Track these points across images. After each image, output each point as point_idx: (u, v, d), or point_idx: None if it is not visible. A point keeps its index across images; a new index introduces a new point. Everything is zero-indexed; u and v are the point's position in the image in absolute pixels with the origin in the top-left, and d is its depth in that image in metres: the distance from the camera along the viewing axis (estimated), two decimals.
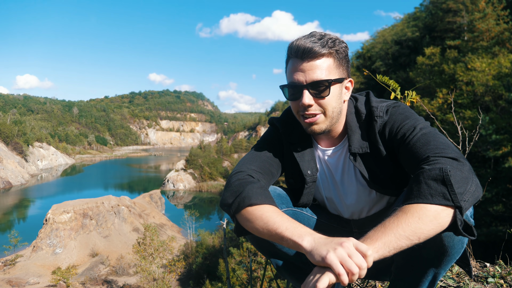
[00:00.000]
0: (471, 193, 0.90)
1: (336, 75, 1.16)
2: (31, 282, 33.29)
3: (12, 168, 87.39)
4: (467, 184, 0.90)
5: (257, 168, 1.25)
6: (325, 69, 1.13)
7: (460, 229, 0.89)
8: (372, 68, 32.96)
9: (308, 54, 1.12)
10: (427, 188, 0.89)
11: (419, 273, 1.16)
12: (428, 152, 1.00)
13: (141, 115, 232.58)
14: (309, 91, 1.14)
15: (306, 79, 1.13)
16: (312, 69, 1.12)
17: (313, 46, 1.11)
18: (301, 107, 1.17)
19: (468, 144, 2.29)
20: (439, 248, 1.06)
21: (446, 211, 0.87)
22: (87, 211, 44.36)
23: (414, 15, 36.66)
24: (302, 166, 1.32)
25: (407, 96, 2.12)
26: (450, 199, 0.87)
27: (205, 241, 39.23)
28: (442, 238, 1.03)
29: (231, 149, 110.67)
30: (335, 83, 1.15)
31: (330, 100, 1.16)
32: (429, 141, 1.04)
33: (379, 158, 1.21)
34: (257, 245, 1.33)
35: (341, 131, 1.29)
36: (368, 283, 2.10)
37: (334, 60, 1.15)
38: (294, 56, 1.15)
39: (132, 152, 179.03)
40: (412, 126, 1.12)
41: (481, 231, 15.37)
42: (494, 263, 2.20)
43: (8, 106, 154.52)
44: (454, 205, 0.87)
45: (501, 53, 21.71)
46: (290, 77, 1.17)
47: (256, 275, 17.33)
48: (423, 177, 0.92)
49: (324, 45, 1.12)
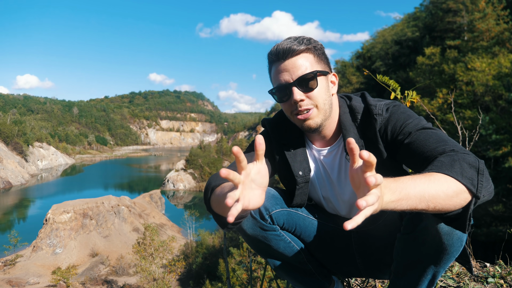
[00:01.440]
0: (489, 192, 0.92)
1: (319, 68, 1.19)
2: (31, 282, 33.28)
3: (12, 168, 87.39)
4: (489, 184, 0.92)
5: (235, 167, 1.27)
6: (308, 63, 1.17)
7: (468, 215, 0.90)
8: (372, 68, 32.97)
9: (288, 53, 1.15)
10: (459, 167, 0.90)
11: (418, 272, 1.16)
12: (451, 146, 0.99)
13: (141, 115, 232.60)
14: (297, 87, 1.16)
15: (292, 76, 1.16)
16: (296, 66, 1.16)
17: (291, 45, 1.15)
18: (294, 105, 1.18)
19: (468, 144, 2.29)
20: (438, 246, 1.07)
21: (466, 194, 0.88)
22: (87, 211, 44.35)
23: (414, 15, 36.69)
24: (293, 167, 1.32)
25: (407, 96, 2.12)
26: (475, 186, 0.88)
27: (205, 241, 39.22)
28: (441, 236, 1.04)
29: (231, 149, 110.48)
30: (320, 75, 1.18)
31: (319, 92, 1.18)
32: (445, 139, 1.04)
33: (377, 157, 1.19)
34: (253, 246, 1.34)
35: (335, 131, 1.28)
36: (368, 283, 2.10)
37: (314, 55, 1.19)
38: (275, 59, 1.19)
39: (132, 152, 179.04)
40: (418, 124, 1.12)
41: (481, 231, 15.37)
42: (494, 263, 2.20)
43: (8, 106, 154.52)
44: (475, 193, 0.88)
45: (501, 53, 21.73)
46: (276, 80, 1.19)
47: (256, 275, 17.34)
48: (458, 157, 0.93)
49: (301, 43, 1.16)
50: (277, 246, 1.30)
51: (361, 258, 1.43)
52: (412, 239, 1.13)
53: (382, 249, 1.31)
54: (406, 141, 1.10)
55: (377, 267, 1.42)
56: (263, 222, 1.26)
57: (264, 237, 1.28)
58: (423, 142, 1.05)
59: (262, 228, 1.27)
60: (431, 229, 1.05)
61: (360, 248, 1.41)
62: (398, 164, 1.22)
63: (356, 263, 1.45)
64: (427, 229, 1.07)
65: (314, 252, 1.45)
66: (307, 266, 1.43)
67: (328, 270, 1.52)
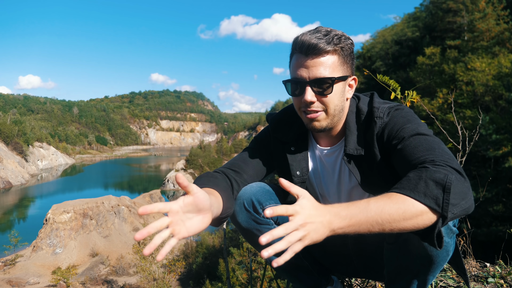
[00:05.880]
0: (462, 208, 0.87)
1: (340, 73, 1.14)
2: (31, 282, 33.27)
3: (12, 168, 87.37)
4: (463, 199, 0.87)
5: (227, 166, 1.29)
6: (329, 66, 1.11)
7: (433, 236, 0.88)
8: (372, 68, 32.93)
9: (312, 51, 1.10)
10: (424, 186, 0.86)
11: (407, 279, 1.17)
12: (434, 157, 0.95)
13: (141, 115, 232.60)
14: (311, 88, 1.13)
15: (310, 75, 1.12)
16: (316, 66, 1.11)
17: (318, 42, 1.09)
18: (303, 103, 1.16)
19: (468, 144, 2.29)
20: (423, 256, 1.07)
21: (429, 215, 0.85)
22: (87, 211, 44.34)
23: (414, 15, 36.61)
24: (291, 167, 1.32)
25: (407, 96, 2.11)
26: (440, 206, 0.84)
27: (205, 241, 39.20)
28: (424, 246, 1.03)
29: (231, 149, 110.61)
30: (338, 81, 1.14)
31: (332, 98, 1.15)
32: (433, 147, 1.00)
33: (373, 161, 1.18)
34: (248, 239, 1.34)
35: (340, 130, 1.27)
36: (368, 283, 2.09)
37: (339, 57, 1.13)
38: (298, 51, 1.13)
39: (132, 152, 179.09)
40: (414, 129, 1.08)
41: (481, 231, 15.37)
42: (494, 263, 2.20)
43: (8, 106, 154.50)
44: (441, 214, 0.85)
45: (501, 53, 21.71)
46: (294, 72, 1.16)
47: (256, 275, 17.33)
48: (425, 174, 0.88)
49: (330, 42, 1.10)
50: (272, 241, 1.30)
51: (357, 258, 1.42)
52: (397, 248, 1.13)
53: (378, 251, 1.32)
54: (398, 147, 1.07)
55: (374, 268, 1.42)
56: (256, 215, 1.26)
57: (259, 230, 1.27)
58: (412, 149, 1.02)
59: (256, 221, 1.27)
60: (413, 240, 1.04)
61: (356, 248, 1.40)
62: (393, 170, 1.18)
63: (353, 263, 1.44)
64: (409, 240, 1.06)
65: (310, 249, 1.44)
66: (303, 262, 1.43)
67: (327, 269, 1.52)
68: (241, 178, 1.29)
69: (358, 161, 1.22)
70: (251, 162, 1.34)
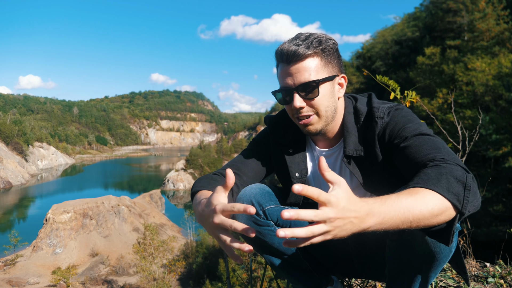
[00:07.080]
0: (474, 206, 0.88)
1: (325, 74, 1.14)
2: (31, 282, 33.29)
3: (12, 168, 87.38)
4: (475, 198, 0.88)
5: (226, 167, 1.28)
6: (313, 70, 1.12)
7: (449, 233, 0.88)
8: (372, 68, 32.95)
9: (293, 57, 1.11)
10: (446, 182, 0.85)
11: (409, 277, 1.16)
12: (442, 155, 0.95)
13: (141, 115, 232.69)
14: (298, 93, 1.14)
15: (295, 82, 1.13)
16: (299, 71, 1.12)
17: (297, 49, 1.10)
18: (294, 110, 1.17)
19: (468, 143, 2.29)
20: (426, 253, 1.06)
21: (451, 211, 0.85)
22: (87, 211, 44.35)
23: (414, 15, 36.66)
24: (290, 169, 1.32)
25: (407, 96, 2.11)
26: (461, 202, 0.84)
27: (205, 241, 39.19)
28: (428, 243, 1.03)
29: (231, 149, 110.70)
30: (323, 82, 1.14)
31: (321, 100, 1.15)
32: (438, 147, 1.00)
33: (374, 161, 1.18)
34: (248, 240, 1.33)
35: (337, 132, 1.27)
36: (368, 283, 2.09)
37: (321, 59, 1.14)
38: (281, 61, 1.16)
39: (132, 152, 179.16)
40: (416, 129, 1.08)
41: (481, 231, 15.37)
42: (494, 263, 2.20)
43: (8, 106, 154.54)
44: (460, 210, 0.85)
45: (501, 53, 21.72)
46: (281, 82, 1.18)
47: (256, 275, 17.34)
48: (445, 171, 0.88)
49: (309, 46, 1.11)
50: (271, 241, 1.29)
51: (357, 258, 1.42)
52: (400, 245, 1.12)
53: (378, 251, 1.31)
54: (401, 145, 1.07)
55: (374, 268, 1.42)
56: (256, 216, 1.25)
57: (259, 231, 1.27)
58: (416, 148, 1.02)
59: (256, 223, 1.26)
60: (417, 237, 1.04)
61: (356, 248, 1.40)
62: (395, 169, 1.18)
63: (353, 263, 1.44)
64: (413, 237, 1.06)
65: (311, 250, 1.44)
66: (303, 263, 1.42)
67: (327, 269, 1.52)
68: (241, 179, 1.30)
69: (358, 162, 1.22)
70: (250, 163, 1.35)
